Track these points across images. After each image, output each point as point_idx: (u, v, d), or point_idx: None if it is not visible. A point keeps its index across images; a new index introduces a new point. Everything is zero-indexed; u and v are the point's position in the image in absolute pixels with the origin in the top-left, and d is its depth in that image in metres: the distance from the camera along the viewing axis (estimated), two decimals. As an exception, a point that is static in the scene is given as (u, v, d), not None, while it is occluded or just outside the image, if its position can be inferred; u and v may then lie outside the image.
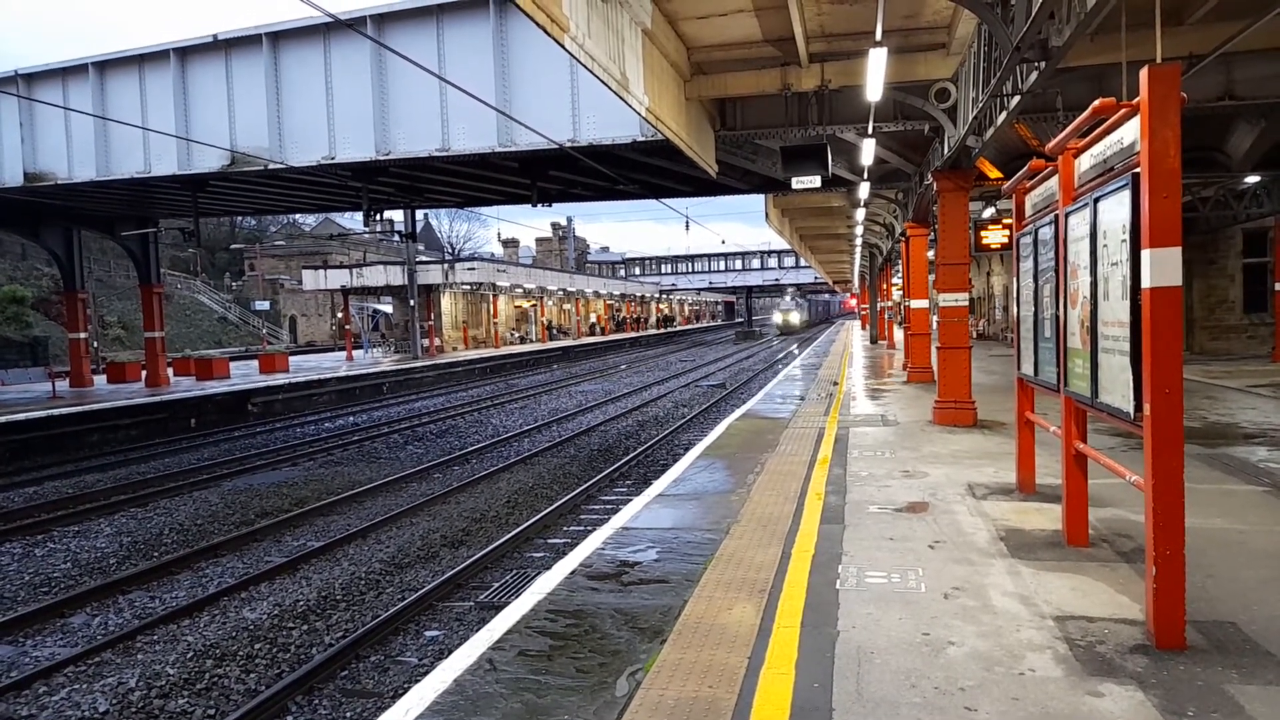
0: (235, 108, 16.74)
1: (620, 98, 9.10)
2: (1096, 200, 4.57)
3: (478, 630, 4.81)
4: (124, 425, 19.80)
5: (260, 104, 16.43)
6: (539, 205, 20.24)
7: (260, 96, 16.43)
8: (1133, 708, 3.48)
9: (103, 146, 18.04)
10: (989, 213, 18.60)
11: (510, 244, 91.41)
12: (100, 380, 27.68)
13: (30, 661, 6.96)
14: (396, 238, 29.65)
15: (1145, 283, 3.94)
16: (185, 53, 17.15)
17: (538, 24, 6.99)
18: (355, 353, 39.95)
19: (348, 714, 5.91)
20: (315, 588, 8.36)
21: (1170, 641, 4.02)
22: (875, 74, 8.62)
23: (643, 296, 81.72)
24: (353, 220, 60.41)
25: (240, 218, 71.21)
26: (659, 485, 8.41)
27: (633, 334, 67.35)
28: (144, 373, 27.06)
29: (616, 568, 5.76)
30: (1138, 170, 3.99)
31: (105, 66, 17.95)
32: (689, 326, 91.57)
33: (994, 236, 15.80)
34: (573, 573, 5.70)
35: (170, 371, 28.03)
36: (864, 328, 48.84)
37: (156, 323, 26.34)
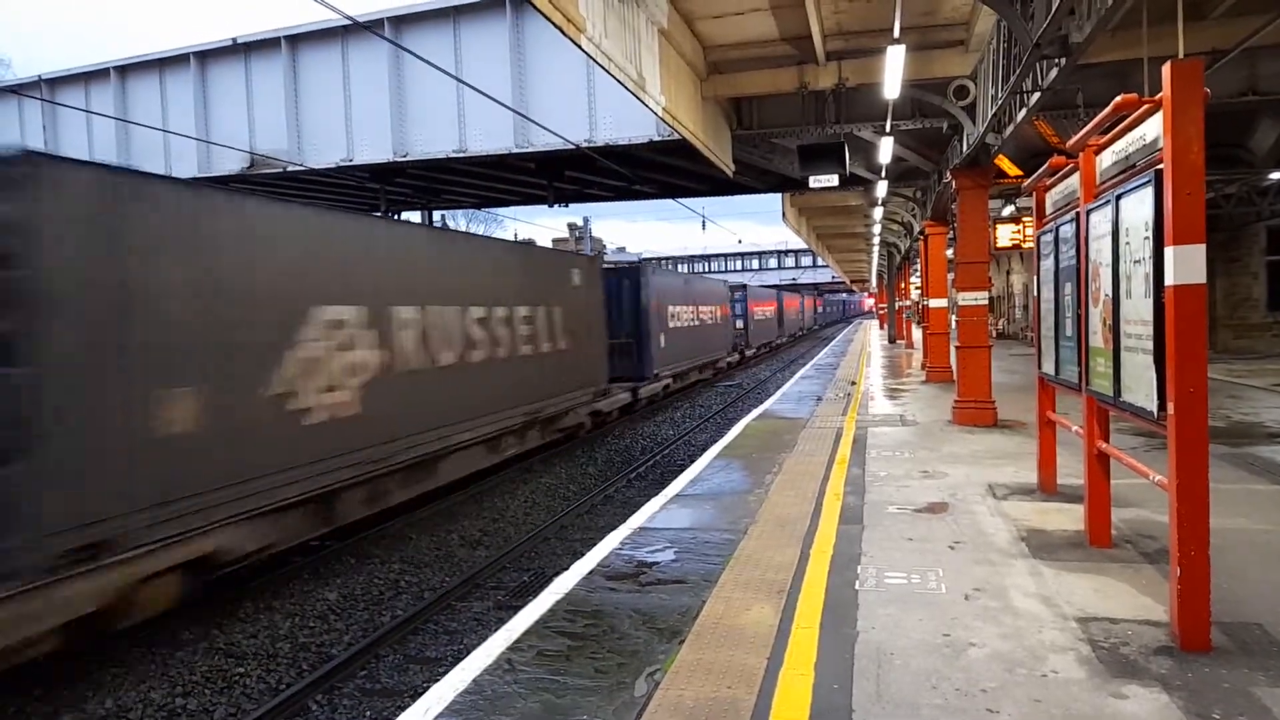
0: (254, 110, 16.88)
1: (637, 97, 9.10)
2: (1119, 197, 4.53)
3: (496, 630, 4.82)
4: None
5: (279, 106, 16.56)
6: (555, 206, 20.31)
7: (279, 99, 16.56)
8: (1157, 710, 3.45)
9: (124, 149, 18.24)
10: (1008, 211, 18.47)
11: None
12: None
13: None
14: (414, 239, 29.75)
15: (1169, 280, 3.91)
16: (205, 56, 17.33)
17: (554, 24, 7.01)
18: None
19: (367, 712, 5.93)
20: (335, 588, 8.40)
21: (1195, 643, 3.98)
22: (893, 72, 8.58)
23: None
24: (370, 221, 60.50)
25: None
26: (676, 485, 8.40)
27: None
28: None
29: (634, 568, 5.76)
30: (1160, 167, 3.95)
31: (126, 70, 18.16)
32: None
33: (1003, 237, 15.74)
34: (591, 573, 5.70)
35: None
36: (882, 327, 48.64)
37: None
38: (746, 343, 35.87)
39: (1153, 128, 4.13)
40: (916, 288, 31.37)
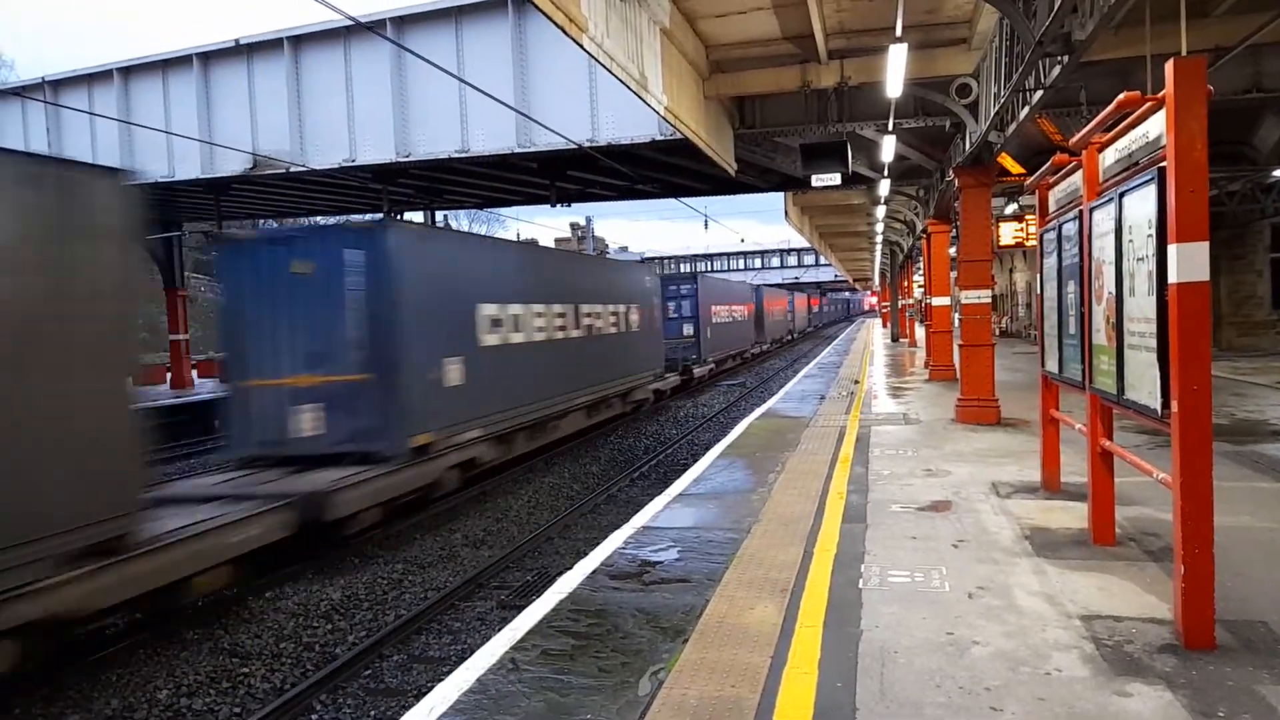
0: (257, 111, 16.92)
1: (639, 97, 9.11)
2: (1122, 195, 4.52)
3: (500, 630, 4.82)
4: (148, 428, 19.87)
5: (282, 107, 16.59)
6: (558, 205, 20.32)
7: (282, 100, 16.59)
8: (1161, 708, 3.44)
9: (127, 150, 18.30)
10: (1011, 209, 18.47)
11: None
12: (124, 382, 27.47)
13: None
14: (416, 239, 29.85)
15: (1172, 278, 3.90)
16: (208, 57, 17.36)
17: (556, 24, 7.01)
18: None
19: (371, 712, 5.94)
20: (339, 588, 8.42)
21: (1199, 641, 3.97)
22: (895, 70, 8.58)
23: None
24: (373, 222, 60.42)
25: (261, 220, 71.73)
26: (680, 484, 8.41)
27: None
28: (169, 375, 27.41)
29: (638, 567, 5.76)
30: (1164, 164, 3.95)
31: (130, 72, 18.20)
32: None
33: (1006, 235, 15.76)
34: (594, 572, 5.70)
35: (195, 374, 28.31)
36: (885, 326, 48.61)
37: (180, 326, 26.74)
38: (699, 357, 27.05)
39: (1156, 125, 4.12)
40: (919, 286, 31.35)
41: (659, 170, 18.28)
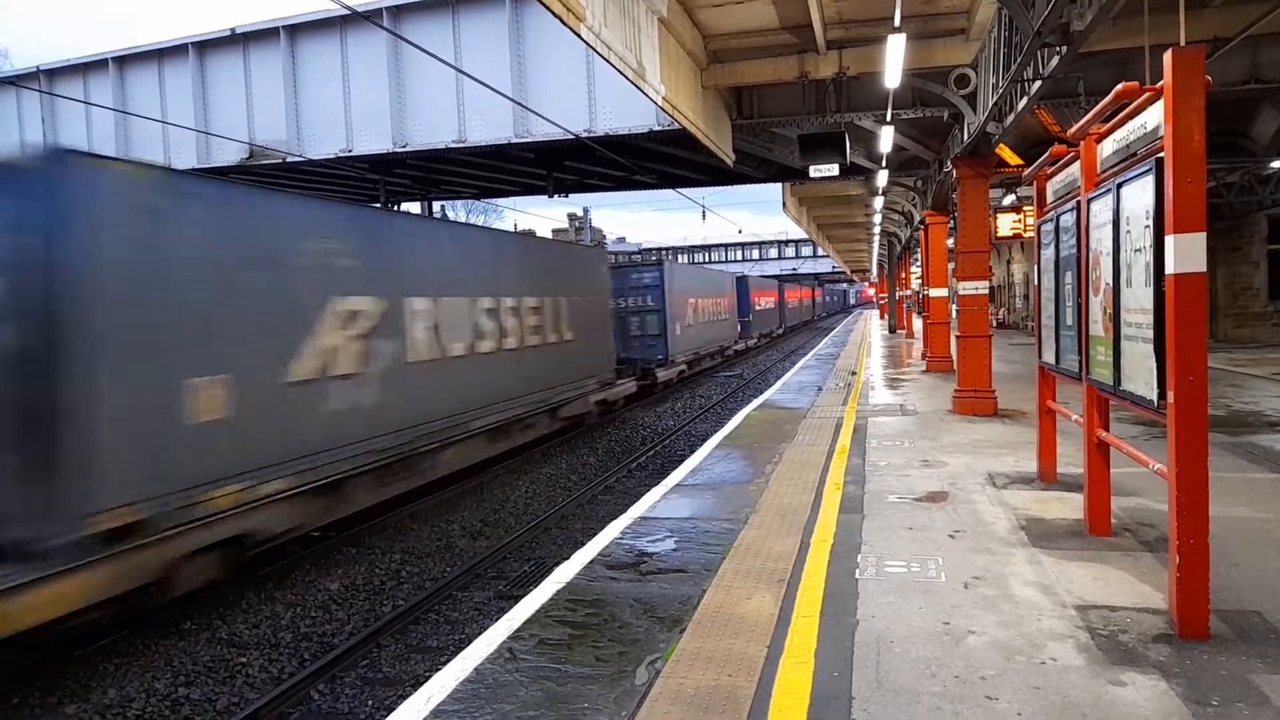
0: (253, 101, 16.84)
1: (637, 87, 9.09)
2: (1119, 186, 4.52)
3: (497, 620, 4.84)
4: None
5: (278, 97, 16.52)
6: (555, 196, 20.27)
7: (278, 90, 16.51)
8: (1155, 697, 3.46)
9: (123, 140, 18.20)
10: (1009, 200, 18.45)
11: (526, 235, 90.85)
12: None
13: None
14: (414, 230, 29.82)
15: (1169, 269, 3.90)
16: (203, 47, 17.26)
17: (554, 13, 6.99)
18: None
19: (369, 701, 5.96)
20: (337, 578, 8.43)
21: (1193, 631, 3.99)
22: (894, 61, 8.56)
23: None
24: (370, 212, 60.00)
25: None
26: (677, 475, 8.42)
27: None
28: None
29: (635, 557, 5.78)
30: (1161, 155, 3.95)
31: (125, 61, 18.10)
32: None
33: (1003, 226, 15.75)
34: (591, 562, 5.72)
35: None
36: (882, 317, 48.62)
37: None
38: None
39: (1154, 116, 4.12)
40: (917, 277, 31.32)
41: (657, 161, 18.24)
